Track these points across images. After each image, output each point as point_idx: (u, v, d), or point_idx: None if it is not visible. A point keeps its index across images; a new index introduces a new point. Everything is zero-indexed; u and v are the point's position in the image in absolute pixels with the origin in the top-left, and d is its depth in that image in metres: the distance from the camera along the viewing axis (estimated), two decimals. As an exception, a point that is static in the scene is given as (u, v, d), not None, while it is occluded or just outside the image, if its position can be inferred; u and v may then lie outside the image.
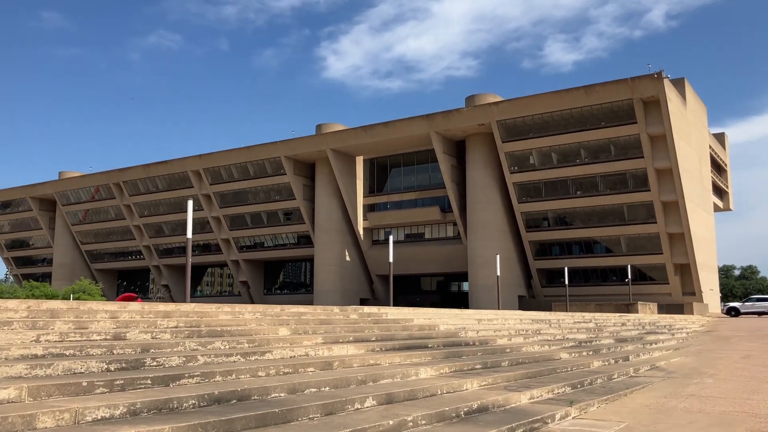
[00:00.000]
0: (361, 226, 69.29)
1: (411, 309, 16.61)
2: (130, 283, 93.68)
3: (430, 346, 10.93)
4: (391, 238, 24.10)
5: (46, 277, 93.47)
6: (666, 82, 50.81)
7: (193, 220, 79.80)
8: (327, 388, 7.10)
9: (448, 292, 72.48)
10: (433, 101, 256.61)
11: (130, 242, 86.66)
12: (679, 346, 19.59)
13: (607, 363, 12.59)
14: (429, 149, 63.19)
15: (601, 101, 53.00)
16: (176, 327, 8.75)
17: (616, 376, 11.04)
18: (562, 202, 57.24)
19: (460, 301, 63.45)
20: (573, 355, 13.28)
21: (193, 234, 78.85)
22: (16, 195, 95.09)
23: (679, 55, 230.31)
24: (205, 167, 74.95)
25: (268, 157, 70.68)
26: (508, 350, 12.35)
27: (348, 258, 69.50)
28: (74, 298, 55.19)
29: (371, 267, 69.41)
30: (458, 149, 63.00)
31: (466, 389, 8.18)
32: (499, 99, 59.92)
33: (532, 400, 8.24)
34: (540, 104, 55.36)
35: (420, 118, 60.90)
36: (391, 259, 22.80)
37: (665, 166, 52.38)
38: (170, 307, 9.85)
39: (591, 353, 14.17)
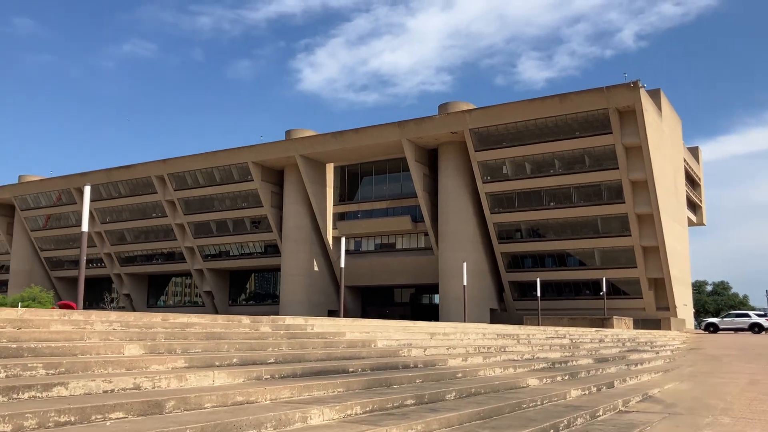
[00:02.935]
0: (330, 235, 66.46)
1: (348, 320, 13.76)
2: (91, 292, 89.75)
3: (351, 371, 8.04)
4: (342, 241, 21.43)
5: (3, 285, 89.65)
6: (642, 92, 49.19)
7: (157, 227, 76.05)
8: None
9: (419, 304, 69.89)
10: (407, 114, 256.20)
11: (91, 249, 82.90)
12: (667, 367, 17.03)
13: (587, 392, 9.88)
14: (401, 157, 60.88)
15: (576, 111, 51.23)
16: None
17: (601, 412, 8.26)
18: (535, 213, 55.26)
19: (432, 313, 60.88)
20: (545, 380, 10.60)
21: (156, 241, 75.06)
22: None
23: (648, 76, 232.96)
24: (169, 172, 71.84)
25: (235, 162, 67.85)
26: (459, 375, 9.52)
27: (316, 268, 66.57)
28: (23, 307, 51.53)
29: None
30: (430, 158, 60.76)
31: (376, 446, 5.28)
32: (472, 107, 57.80)
33: (478, 460, 5.43)
34: (514, 113, 53.42)
35: (392, 125, 58.65)
36: (342, 265, 20.11)
37: (640, 177, 50.66)
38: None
39: (567, 378, 11.51)
